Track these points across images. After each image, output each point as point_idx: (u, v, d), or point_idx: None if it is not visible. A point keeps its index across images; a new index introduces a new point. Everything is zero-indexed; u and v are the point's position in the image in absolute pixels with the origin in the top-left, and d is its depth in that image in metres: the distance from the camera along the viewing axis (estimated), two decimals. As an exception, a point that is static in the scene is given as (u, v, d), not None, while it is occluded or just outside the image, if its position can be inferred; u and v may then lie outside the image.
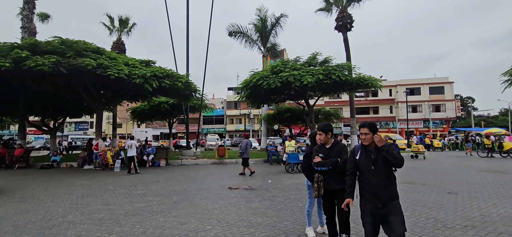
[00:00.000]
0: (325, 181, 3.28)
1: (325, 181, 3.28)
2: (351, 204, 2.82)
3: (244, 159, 10.55)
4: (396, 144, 17.93)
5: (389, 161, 2.57)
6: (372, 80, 15.10)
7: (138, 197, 6.79)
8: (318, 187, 3.28)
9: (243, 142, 10.87)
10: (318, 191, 3.29)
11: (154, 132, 52.87)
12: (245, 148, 10.60)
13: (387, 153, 2.55)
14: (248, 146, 10.72)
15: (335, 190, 3.21)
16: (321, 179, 3.28)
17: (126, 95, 16.30)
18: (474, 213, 4.98)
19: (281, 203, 5.98)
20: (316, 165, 3.31)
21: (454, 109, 43.03)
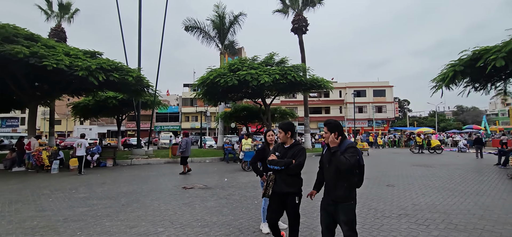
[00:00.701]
0: (275, 181, 3.08)
1: (275, 182, 3.08)
2: (313, 196, 2.96)
3: (183, 158, 10.35)
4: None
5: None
6: (324, 82, 16.02)
7: (80, 201, 6.19)
8: (267, 186, 3.10)
9: (183, 141, 10.65)
10: (266, 190, 3.11)
11: (100, 130, 48.65)
12: (185, 146, 10.43)
13: (333, 155, 2.61)
14: (188, 145, 10.59)
15: (283, 192, 3.04)
16: (272, 179, 3.09)
17: (67, 89, 14.69)
18: (407, 202, 5.64)
19: (237, 201, 6.01)
20: (269, 163, 3.07)
21: (393, 111, 48.00)
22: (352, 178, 2.66)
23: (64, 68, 10.11)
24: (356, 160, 2.57)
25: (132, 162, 14.30)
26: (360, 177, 2.74)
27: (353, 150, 2.60)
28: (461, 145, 21.16)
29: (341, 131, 2.75)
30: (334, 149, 2.62)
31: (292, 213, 3.08)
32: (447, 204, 5.50)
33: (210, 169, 12.06)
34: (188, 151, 10.54)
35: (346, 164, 2.51)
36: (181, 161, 10.49)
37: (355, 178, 2.71)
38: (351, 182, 2.66)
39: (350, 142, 2.72)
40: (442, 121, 58.11)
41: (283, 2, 23.65)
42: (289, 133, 3.17)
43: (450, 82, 9.75)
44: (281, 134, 3.19)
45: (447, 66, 9.80)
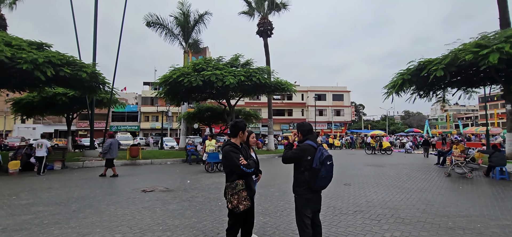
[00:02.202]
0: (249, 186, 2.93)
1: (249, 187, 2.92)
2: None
3: (108, 160, 9.94)
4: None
5: None
6: (288, 85, 16.50)
7: (22, 208, 5.56)
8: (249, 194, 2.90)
9: (107, 142, 10.25)
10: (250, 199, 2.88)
11: (47, 129, 44.00)
12: (109, 148, 9.98)
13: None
14: (113, 146, 10.11)
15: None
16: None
17: (7, 83, 13.04)
18: (361, 200, 6.08)
19: (200, 204, 5.91)
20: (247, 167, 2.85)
21: (350, 114, 51.18)
22: (298, 175, 3.03)
23: (5, 59, 8.98)
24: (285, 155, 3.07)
25: (84, 164, 13.24)
26: (311, 178, 2.93)
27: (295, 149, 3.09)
28: (408, 147, 23.35)
29: (305, 134, 3.10)
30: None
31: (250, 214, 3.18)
32: (395, 200, 6.04)
33: (172, 170, 11.67)
34: (114, 153, 10.07)
35: (284, 157, 3.08)
36: (106, 163, 9.99)
37: (302, 175, 3.01)
38: (297, 177, 3.04)
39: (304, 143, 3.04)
40: (392, 124, 63.59)
41: (249, 5, 23.91)
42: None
43: (399, 89, 10.77)
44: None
45: (397, 75, 10.80)
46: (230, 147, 2.92)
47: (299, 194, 3.04)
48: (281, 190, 7.25)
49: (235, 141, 3.00)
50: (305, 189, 2.99)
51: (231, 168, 2.89)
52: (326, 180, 2.91)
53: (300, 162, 3.03)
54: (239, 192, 2.79)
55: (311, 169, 2.92)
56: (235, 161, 2.81)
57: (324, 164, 2.87)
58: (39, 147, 10.63)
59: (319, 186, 2.92)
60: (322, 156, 2.89)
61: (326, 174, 2.88)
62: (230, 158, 2.85)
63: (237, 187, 2.80)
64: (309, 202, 2.97)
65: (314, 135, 3.12)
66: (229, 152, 2.88)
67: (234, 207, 2.78)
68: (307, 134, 3.09)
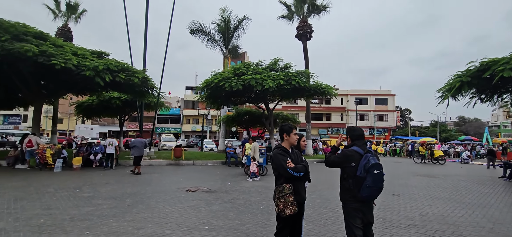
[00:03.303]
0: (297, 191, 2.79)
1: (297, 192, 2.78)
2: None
3: (136, 158, 10.76)
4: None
5: None
6: (328, 88, 16.04)
7: (85, 200, 6.18)
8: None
9: (135, 141, 11.07)
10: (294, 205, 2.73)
11: (101, 130, 48.71)
12: (137, 146, 10.82)
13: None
14: (140, 145, 10.92)
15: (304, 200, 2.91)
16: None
17: (72, 88, 14.77)
18: (414, 213, 5.61)
19: (242, 206, 5.98)
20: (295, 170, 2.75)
21: (394, 119, 47.94)
22: (343, 181, 2.92)
23: (72, 67, 10.16)
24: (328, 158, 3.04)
25: (134, 163, 14.26)
26: (354, 186, 2.78)
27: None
28: (464, 157, 21.06)
29: (353, 139, 2.99)
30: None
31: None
32: (454, 216, 5.45)
33: (213, 172, 12.03)
34: (137, 151, 10.83)
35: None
36: (135, 161, 10.83)
37: (346, 182, 2.89)
38: (342, 184, 2.94)
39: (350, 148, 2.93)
40: (444, 131, 57.95)
41: (288, 8, 23.81)
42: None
43: (456, 92, 9.75)
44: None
45: (454, 77, 9.80)
46: (278, 150, 2.88)
47: (344, 202, 2.92)
48: (323, 197, 7.02)
49: (285, 145, 2.96)
50: (349, 197, 2.85)
51: (278, 170, 2.84)
52: (372, 190, 2.71)
53: (344, 168, 2.91)
54: (285, 196, 2.72)
55: (355, 177, 2.77)
56: (281, 163, 2.75)
57: (369, 172, 2.68)
58: (109, 145, 12.12)
59: (363, 196, 2.74)
60: (367, 163, 2.71)
61: (372, 184, 2.68)
62: (277, 161, 2.81)
63: (284, 191, 2.73)
64: (357, 212, 2.80)
65: (363, 142, 2.96)
66: (277, 154, 2.84)
67: (280, 211, 2.73)
68: (356, 139, 2.95)
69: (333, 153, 3.07)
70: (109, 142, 12.44)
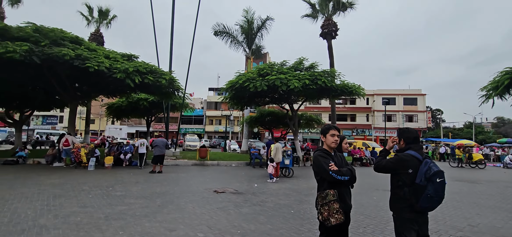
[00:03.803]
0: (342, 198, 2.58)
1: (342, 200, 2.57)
2: None
3: (156, 157, 11.13)
4: (375, 152, 18.44)
5: None
6: (355, 88, 15.44)
7: (118, 199, 6.32)
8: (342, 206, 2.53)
9: (156, 141, 11.48)
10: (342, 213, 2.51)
11: (129, 130, 50.83)
12: (158, 146, 11.23)
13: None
14: (161, 145, 11.30)
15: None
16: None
17: (104, 90, 15.43)
18: (462, 223, 5.12)
19: (271, 209, 5.81)
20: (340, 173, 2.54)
21: (425, 120, 45.45)
22: (396, 189, 2.64)
23: (105, 70, 10.57)
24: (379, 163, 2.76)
25: (161, 162, 14.59)
26: (412, 195, 2.49)
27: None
28: (507, 161, 19.39)
29: (408, 142, 2.71)
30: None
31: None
32: (510, 228, 4.91)
33: (238, 173, 11.98)
34: (157, 150, 11.16)
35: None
36: (153, 160, 11.25)
37: (400, 190, 2.59)
38: (395, 192, 2.66)
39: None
40: (481, 133, 54.01)
41: (313, 7, 23.35)
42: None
43: (504, 91, 8.89)
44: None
45: (501, 73, 8.94)
46: (319, 152, 2.67)
47: (397, 212, 2.63)
48: (357, 202, 6.65)
49: (326, 147, 2.74)
50: (404, 207, 2.56)
51: (320, 174, 2.62)
52: (434, 201, 2.41)
53: (398, 174, 2.63)
54: (329, 203, 2.49)
55: (412, 185, 2.49)
56: (324, 166, 2.54)
57: (431, 181, 2.39)
58: (141, 146, 12.69)
59: (423, 207, 2.45)
60: (429, 170, 2.42)
61: (434, 194, 2.39)
62: (318, 163, 2.59)
63: (328, 198, 2.51)
64: (412, 223, 2.52)
65: (419, 145, 2.66)
66: (318, 157, 2.62)
67: (325, 220, 2.51)
68: (412, 142, 2.66)
69: (383, 157, 2.80)
70: (140, 142, 12.91)
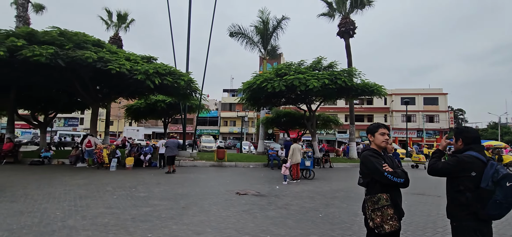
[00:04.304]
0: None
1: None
2: None
3: (168, 158, 11.40)
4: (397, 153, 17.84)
5: None
6: (377, 87, 14.95)
7: (142, 200, 6.31)
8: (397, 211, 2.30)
9: (168, 142, 11.70)
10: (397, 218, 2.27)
11: (146, 131, 51.79)
12: (170, 147, 11.42)
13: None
14: (173, 146, 11.49)
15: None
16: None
17: (124, 92, 15.72)
18: (508, 230, 4.74)
19: (298, 213, 5.61)
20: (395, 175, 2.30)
21: (447, 120, 43.69)
22: (455, 194, 2.35)
23: (126, 72, 10.73)
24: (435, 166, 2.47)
25: (179, 163, 14.67)
26: (476, 201, 2.20)
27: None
28: (541, 163, 18.19)
29: (468, 142, 2.44)
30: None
31: None
32: None
33: (257, 174, 11.84)
34: (169, 151, 11.35)
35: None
36: (167, 161, 11.50)
37: (461, 196, 2.29)
38: (454, 197, 2.38)
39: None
40: (506, 134, 51.36)
41: (330, 5, 22.92)
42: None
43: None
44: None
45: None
46: (369, 152, 2.44)
47: (458, 220, 2.36)
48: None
49: (374, 147, 2.52)
50: (466, 214, 2.29)
51: (371, 176, 2.37)
52: (503, 207, 2.13)
53: (459, 178, 2.36)
54: (382, 208, 2.25)
55: (477, 189, 2.22)
56: (377, 166, 2.30)
57: (500, 184, 2.12)
58: (162, 146, 12.69)
59: (490, 214, 2.18)
60: (497, 173, 2.15)
61: (503, 199, 2.11)
62: (370, 164, 2.35)
63: (381, 202, 2.27)
64: (476, 233, 2.26)
65: (481, 146, 2.40)
66: (368, 156, 2.39)
67: (377, 227, 2.27)
68: (472, 142, 2.39)
69: (438, 159, 2.53)
70: (161, 143, 13.03)
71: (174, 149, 11.64)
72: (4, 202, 5.71)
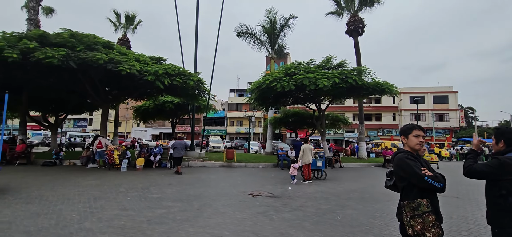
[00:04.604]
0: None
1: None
2: None
3: (175, 159, 11.41)
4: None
5: None
6: (388, 86, 14.68)
7: (155, 201, 6.26)
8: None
9: (175, 143, 11.68)
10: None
11: (154, 132, 52.11)
12: (177, 148, 11.44)
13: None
14: (180, 147, 11.52)
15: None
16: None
17: (133, 93, 15.77)
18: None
19: (314, 215, 5.49)
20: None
21: (458, 119, 42.89)
22: (497, 199, 2.21)
23: (136, 73, 10.73)
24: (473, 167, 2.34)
25: (189, 164, 14.66)
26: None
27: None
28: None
29: (510, 143, 2.33)
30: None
31: None
32: None
33: (267, 175, 11.72)
34: (177, 152, 11.38)
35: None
36: (174, 161, 11.54)
37: (504, 201, 2.16)
38: (495, 202, 2.24)
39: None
40: (520, 132, 50.01)
41: (338, 4, 22.67)
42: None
43: None
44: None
45: None
46: (405, 154, 2.30)
47: (500, 227, 2.22)
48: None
49: (409, 150, 2.39)
50: (510, 221, 2.16)
51: (409, 179, 2.22)
52: None
53: (500, 181, 2.22)
54: (423, 214, 2.10)
55: None
56: (416, 170, 2.15)
57: None
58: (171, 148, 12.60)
59: None
60: None
61: None
62: (408, 168, 2.20)
63: (421, 208, 2.12)
64: None
65: None
66: (405, 159, 2.24)
67: (417, 234, 2.12)
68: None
69: (473, 160, 2.39)
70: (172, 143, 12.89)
71: (181, 150, 11.66)
72: (20, 204, 5.73)
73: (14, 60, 9.17)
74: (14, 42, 9.79)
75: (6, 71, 10.66)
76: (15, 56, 9.11)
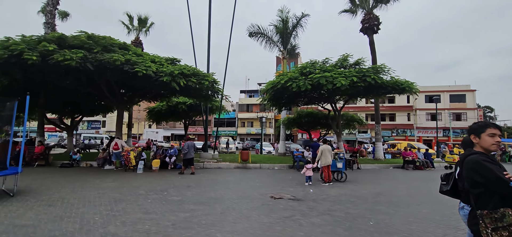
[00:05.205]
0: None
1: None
2: None
3: (186, 160, 11.41)
4: (429, 153, 16.90)
5: None
6: (408, 85, 14.14)
7: (176, 204, 6.10)
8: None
9: (185, 145, 11.69)
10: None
11: (165, 133, 52.51)
12: (187, 149, 11.49)
13: None
14: (190, 148, 11.55)
15: None
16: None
17: (147, 94, 15.79)
18: None
19: (344, 219, 5.19)
20: None
21: (476, 119, 41.36)
22: None
23: (152, 74, 10.66)
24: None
25: (204, 165, 14.54)
26: None
27: None
28: None
29: None
30: None
31: None
32: None
33: (284, 176, 11.44)
34: (189, 154, 11.42)
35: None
36: (184, 162, 11.51)
37: None
38: None
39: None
40: (541, 131, 48.01)
41: (352, 1, 22.17)
42: None
43: None
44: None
45: None
46: (483, 157, 2.00)
47: None
48: (444, 214, 5.79)
49: (482, 151, 2.09)
50: None
51: (489, 186, 1.93)
52: None
53: None
54: (509, 227, 1.83)
55: None
56: (499, 175, 1.86)
57: None
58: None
59: None
60: None
61: None
62: (488, 172, 1.91)
63: (506, 219, 1.85)
64: None
65: None
66: (484, 162, 1.95)
67: None
68: None
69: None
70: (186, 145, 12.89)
71: (191, 151, 11.60)
72: (42, 206, 5.66)
73: (34, 62, 9.23)
74: (33, 45, 9.87)
75: (25, 75, 10.78)
76: (34, 58, 9.16)
